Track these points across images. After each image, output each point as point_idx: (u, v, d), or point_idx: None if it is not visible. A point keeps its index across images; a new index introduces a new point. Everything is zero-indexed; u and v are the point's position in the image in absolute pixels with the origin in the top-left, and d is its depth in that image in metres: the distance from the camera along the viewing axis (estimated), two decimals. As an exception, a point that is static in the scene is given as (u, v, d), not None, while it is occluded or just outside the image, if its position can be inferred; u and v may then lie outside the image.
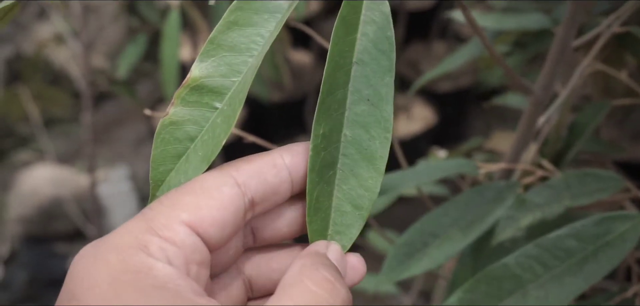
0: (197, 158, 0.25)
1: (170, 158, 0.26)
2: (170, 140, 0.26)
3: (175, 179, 0.26)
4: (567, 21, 0.41)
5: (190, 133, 0.26)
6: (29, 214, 1.44)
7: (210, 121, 0.26)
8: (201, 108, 0.26)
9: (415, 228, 0.48)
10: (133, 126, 1.82)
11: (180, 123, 0.26)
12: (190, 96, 0.26)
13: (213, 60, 0.26)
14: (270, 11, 0.26)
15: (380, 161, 0.27)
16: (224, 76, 0.26)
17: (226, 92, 0.26)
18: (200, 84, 0.26)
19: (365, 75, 0.26)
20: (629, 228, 0.37)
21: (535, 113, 0.47)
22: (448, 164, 0.52)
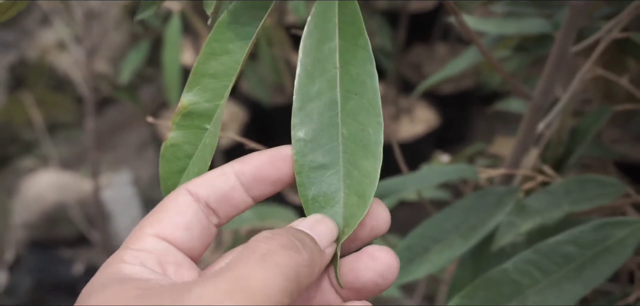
0: (194, 173, 0.30)
1: (174, 173, 0.31)
2: (173, 159, 0.31)
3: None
4: (566, 27, 0.41)
5: (187, 152, 0.30)
6: (33, 220, 1.45)
7: (202, 141, 0.30)
8: (194, 130, 0.30)
9: (416, 233, 0.48)
10: (136, 131, 1.83)
11: (178, 145, 0.30)
12: (183, 121, 0.30)
13: (198, 88, 0.30)
14: (242, 38, 0.30)
15: (376, 146, 0.29)
16: (209, 100, 0.30)
17: (213, 114, 0.30)
18: (190, 111, 0.30)
19: (349, 74, 0.29)
20: (628, 233, 0.37)
21: (535, 119, 0.47)
22: (449, 170, 0.52)
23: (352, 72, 0.29)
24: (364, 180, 0.29)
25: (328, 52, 0.29)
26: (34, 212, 1.45)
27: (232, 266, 0.25)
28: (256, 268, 0.24)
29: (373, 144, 0.29)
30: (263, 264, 0.24)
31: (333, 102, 0.29)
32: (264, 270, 0.24)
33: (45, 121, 1.34)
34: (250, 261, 0.25)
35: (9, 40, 1.84)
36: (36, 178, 1.50)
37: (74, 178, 1.51)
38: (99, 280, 0.27)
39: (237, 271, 0.24)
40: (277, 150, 0.30)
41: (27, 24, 1.84)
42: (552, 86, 0.44)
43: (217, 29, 0.30)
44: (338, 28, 0.30)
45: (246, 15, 0.30)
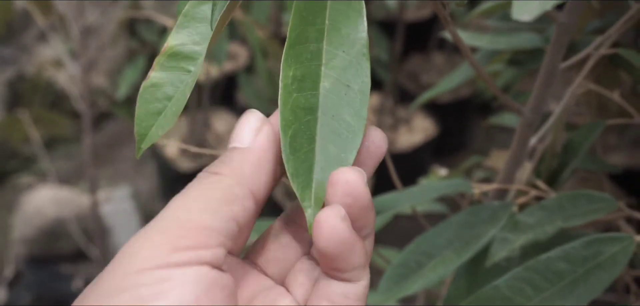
0: (171, 113, 0.30)
1: (151, 115, 0.30)
2: (151, 100, 0.30)
3: (155, 133, 0.30)
4: (554, 44, 0.42)
5: (168, 93, 0.30)
6: (32, 236, 1.45)
7: (185, 82, 0.30)
8: (178, 72, 0.30)
9: (410, 249, 0.48)
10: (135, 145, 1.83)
11: (160, 85, 0.30)
12: (168, 61, 0.30)
13: (187, 30, 0.30)
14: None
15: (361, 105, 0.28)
16: (196, 43, 0.30)
17: (198, 58, 0.30)
18: (176, 51, 0.30)
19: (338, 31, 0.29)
20: (619, 250, 0.37)
21: (527, 134, 0.47)
22: (443, 185, 0.52)
23: (342, 30, 0.29)
24: (345, 134, 0.28)
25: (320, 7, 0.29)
26: (33, 228, 1.45)
27: (164, 209, 0.27)
28: (173, 204, 0.27)
29: (358, 102, 0.28)
30: (178, 198, 0.27)
31: (319, 52, 0.29)
32: (179, 202, 0.27)
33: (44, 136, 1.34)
34: (176, 198, 0.27)
35: (7, 56, 1.85)
36: (35, 194, 1.50)
37: (72, 193, 1.51)
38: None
39: (167, 211, 0.27)
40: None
41: (25, 40, 1.85)
42: (543, 101, 0.45)
43: None
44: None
45: None
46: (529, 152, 0.53)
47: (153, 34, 1.20)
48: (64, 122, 1.35)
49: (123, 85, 1.16)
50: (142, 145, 0.30)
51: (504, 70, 0.64)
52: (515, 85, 0.67)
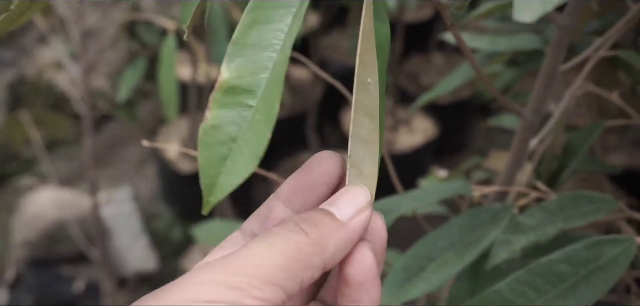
0: (244, 158, 0.26)
1: (217, 161, 0.26)
2: (213, 143, 0.26)
3: (226, 181, 0.26)
4: (554, 46, 0.42)
5: (231, 134, 0.26)
6: (33, 238, 1.45)
7: (248, 119, 0.26)
8: (237, 108, 0.26)
9: (411, 253, 0.48)
10: (135, 147, 1.84)
11: (220, 126, 0.26)
12: (225, 97, 0.27)
13: (240, 60, 0.27)
14: (285, 6, 0.27)
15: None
16: (252, 73, 0.27)
17: (257, 90, 0.27)
18: (232, 85, 0.27)
19: None
20: (621, 251, 0.37)
21: (527, 136, 0.47)
22: (444, 188, 0.52)
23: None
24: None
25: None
26: (34, 230, 1.45)
27: (237, 251, 0.26)
28: (255, 249, 0.25)
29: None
30: (262, 244, 0.26)
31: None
32: (261, 248, 0.25)
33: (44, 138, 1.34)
34: (252, 244, 0.26)
35: (8, 58, 1.85)
36: (36, 196, 1.50)
37: (73, 195, 1.51)
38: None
39: (240, 254, 0.25)
40: (312, 157, 0.30)
41: (25, 42, 1.85)
42: (543, 103, 0.45)
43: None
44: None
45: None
46: (529, 153, 0.53)
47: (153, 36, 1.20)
48: (64, 124, 1.35)
49: (123, 87, 1.16)
50: (210, 198, 0.27)
51: (503, 71, 0.64)
52: (514, 86, 0.67)
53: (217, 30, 1.01)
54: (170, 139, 1.63)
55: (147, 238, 1.54)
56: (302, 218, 0.27)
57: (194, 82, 1.41)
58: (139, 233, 1.53)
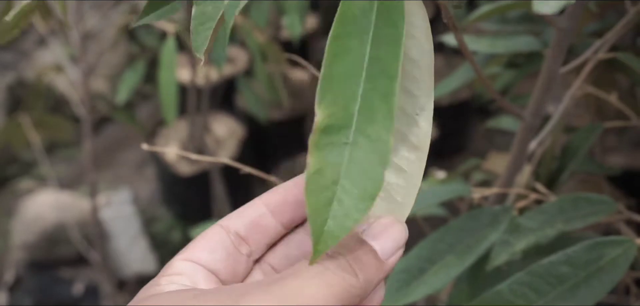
0: (352, 198, 0.25)
1: (322, 207, 0.26)
2: (319, 189, 0.26)
3: (336, 226, 0.25)
4: (553, 49, 0.42)
5: (332, 176, 0.26)
6: (32, 241, 1.45)
7: (347, 157, 0.25)
8: (335, 148, 0.26)
9: (412, 255, 0.48)
10: (135, 149, 1.84)
11: (322, 170, 0.26)
12: (322, 139, 0.26)
13: (331, 95, 0.26)
14: (362, 33, 0.27)
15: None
16: (344, 107, 0.26)
17: (351, 125, 0.26)
18: (328, 124, 0.26)
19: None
20: (620, 253, 0.37)
21: (526, 138, 0.47)
22: (443, 190, 0.52)
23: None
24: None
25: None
26: (34, 233, 1.45)
27: (288, 277, 0.26)
28: (309, 284, 0.25)
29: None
30: (316, 282, 0.25)
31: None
32: (316, 287, 0.25)
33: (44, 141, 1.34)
34: (305, 276, 0.26)
35: (7, 61, 1.85)
36: (35, 199, 1.50)
37: (73, 197, 1.51)
38: (139, 300, 0.28)
39: (292, 284, 0.25)
40: (302, 175, 0.30)
41: (25, 45, 1.85)
42: (543, 105, 0.45)
43: (335, 25, 0.26)
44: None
45: (357, 7, 0.27)
46: (529, 155, 0.54)
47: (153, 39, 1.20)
48: (64, 127, 1.35)
49: (123, 90, 1.16)
50: (319, 247, 0.25)
51: (502, 73, 0.64)
52: (513, 87, 0.68)
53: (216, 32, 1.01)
54: (169, 141, 1.63)
55: (147, 240, 1.54)
56: (355, 258, 0.27)
57: (193, 84, 1.41)
58: (139, 236, 1.53)
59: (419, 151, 0.28)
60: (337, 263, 0.26)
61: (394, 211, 0.29)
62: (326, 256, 0.26)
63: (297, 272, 0.26)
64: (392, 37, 0.26)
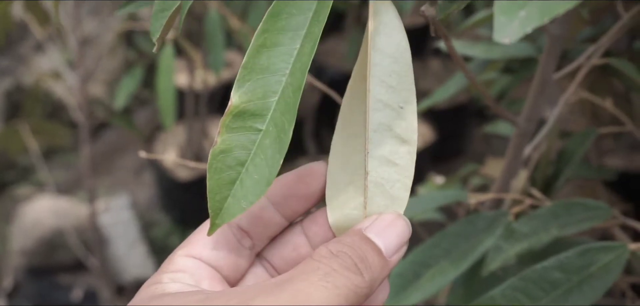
0: (253, 181, 0.27)
1: (225, 185, 0.27)
2: (223, 168, 0.27)
3: (235, 205, 0.27)
4: (546, 55, 0.42)
5: (239, 158, 0.27)
6: (31, 246, 1.45)
7: (257, 144, 0.27)
8: (246, 132, 0.27)
9: (407, 260, 0.48)
10: (133, 154, 1.84)
11: (229, 150, 0.27)
12: (234, 122, 0.27)
13: (249, 84, 0.27)
14: (294, 29, 0.28)
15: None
16: (261, 97, 0.27)
17: (266, 114, 0.27)
18: (242, 110, 0.27)
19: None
20: (613, 258, 0.37)
21: (521, 143, 0.47)
22: (440, 195, 0.53)
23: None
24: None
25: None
26: (32, 238, 1.45)
27: (295, 279, 0.26)
28: (317, 287, 0.25)
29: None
30: (324, 284, 0.26)
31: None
32: (324, 290, 0.25)
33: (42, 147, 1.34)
34: (313, 279, 0.26)
35: (4, 66, 1.85)
36: (33, 204, 1.50)
37: (71, 203, 1.51)
38: (142, 299, 0.27)
39: (299, 286, 0.25)
40: (306, 167, 0.31)
41: (22, 50, 1.85)
42: (536, 111, 0.45)
43: (266, 19, 0.28)
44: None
45: (294, 6, 0.28)
46: (525, 160, 0.54)
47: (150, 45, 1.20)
48: (62, 132, 1.36)
49: (121, 95, 1.16)
50: (217, 220, 0.27)
51: (498, 78, 0.65)
52: (509, 92, 0.68)
53: (213, 37, 1.02)
54: (167, 145, 1.63)
55: (145, 245, 1.54)
56: (360, 257, 0.27)
57: (190, 88, 1.41)
58: (137, 241, 1.53)
59: (408, 144, 0.29)
60: (343, 263, 0.26)
61: (391, 206, 0.29)
62: (331, 256, 0.27)
63: (304, 274, 0.26)
64: (314, 35, 0.27)
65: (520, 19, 0.16)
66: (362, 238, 0.28)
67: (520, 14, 0.16)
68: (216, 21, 1.00)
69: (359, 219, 0.29)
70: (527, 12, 0.16)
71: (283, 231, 0.32)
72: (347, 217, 0.29)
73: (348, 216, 0.29)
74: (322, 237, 0.30)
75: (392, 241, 0.28)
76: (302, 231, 0.31)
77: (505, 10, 0.17)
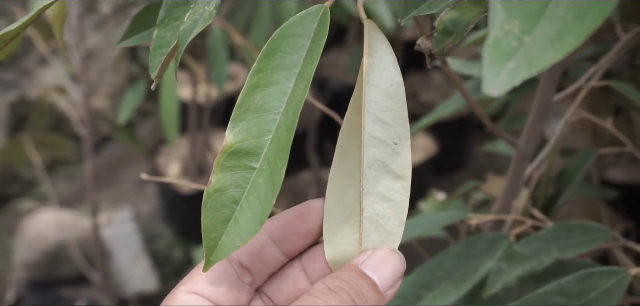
0: (246, 219, 0.27)
1: (219, 223, 0.27)
2: (217, 206, 0.27)
3: (229, 242, 0.27)
4: (545, 78, 0.42)
5: (234, 197, 0.27)
6: (34, 260, 1.45)
7: (251, 182, 0.27)
8: (240, 171, 0.27)
9: (408, 281, 0.48)
10: (136, 167, 1.84)
11: (224, 189, 0.27)
12: (229, 161, 0.27)
13: (243, 123, 0.28)
14: (288, 68, 0.28)
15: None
16: (256, 136, 0.28)
17: (260, 152, 0.27)
18: (236, 149, 0.27)
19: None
20: (614, 284, 0.37)
21: (521, 165, 0.48)
22: (441, 216, 0.53)
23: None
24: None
25: None
26: (35, 252, 1.45)
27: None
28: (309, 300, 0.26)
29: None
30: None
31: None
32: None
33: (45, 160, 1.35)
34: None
35: (9, 79, 1.86)
36: (37, 218, 1.51)
37: (74, 216, 1.52)
38: None
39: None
40: (305, 204, 0.31)
41: (26, 63, 1.86)
42: (536, 133, 0.45)
43: (261, 59, 0.28)
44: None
45: (288, 44, 0.28)
46: (526, 179, 0.54)
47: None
48: (65, 145, 1.36)
49: (124, 110, 1.17)
50: (212, 258, 0.27)
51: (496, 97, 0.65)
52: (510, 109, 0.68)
53: (216, 52, 1.02)
54: (170, 158, 1.63)
55: (148, 258, 1.55)
56: (356, 292, 0.27)
57: (194, 101, 1.42)
58: (140, 254, 1.53)
59: (403, 180, 0.30)
60: (340, 298, 0.27)
61: (386, 241, 0.30)
62: (329, 291, 0.27)
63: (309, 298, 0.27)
64: (307, 74, 0.28)
65: (509, 70, 0.17)
66: (358, 273, 0.28)
67: (509, 65, 0.17)
68: (219, 37, 1.01)
69: (355, 255, 0.29)
70: (516, 64, 0.16)
71: (282, 267, 0.32)
72: (343, 252, 0.30)
73: (344, 251, 0.30)
74: (320, 272, 0.30)
75: (387, 275, 0.28)
76: (301, 267, 0.32)
77: (494, 60, 0.17)
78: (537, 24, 0.16)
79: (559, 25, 0.16)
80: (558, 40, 0.16)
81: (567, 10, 0.16)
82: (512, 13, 0.17)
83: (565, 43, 0.16)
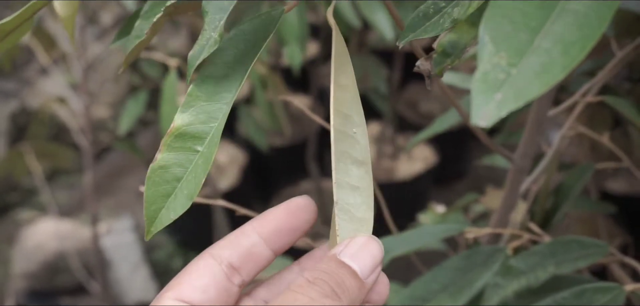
0: (183, 196, 0.29)
1: (160, 197, 0.30)
2: (160, 182, 0.30)
3: (166, 215, 0.29)
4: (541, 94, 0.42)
5: (177, 175, 0.30)
6: (33, 270, 1.45)
7: (193, 163, 0.29)
8: (185, 152, 0.30)
9: (405, 294, 0.49)
10: (136, 176, 1.84)
11: (168, 167, 0.30)
12: (175, 142, 0.30)
13: (193, 109, 0.30)
14: (240, 63, 0.30)
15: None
16: (203, 122, 0.30)
17: (206, 137, 0.30)
18: (183, 132, 0.30)
19: None
20: (610, 299, 0.38)
21: (518, 179, 0.48)
22: (439, 229, 0.53)
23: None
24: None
25: None
26: (34, 261, 1.45)
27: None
28: (292, 295, 0.26)
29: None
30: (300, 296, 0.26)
31: None
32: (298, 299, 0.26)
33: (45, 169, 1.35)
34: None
35: (10, 89, 1.87)
36: (36, 227, 1.51)
37: (74, 226, 1.52)
38: None
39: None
40: (293, 201, 0.31)
41: (27, 73, 1.87)
42: (533, 147, 0.45)
43: (213, 53, 0.30)
44: None
45: (242, 40, 0.31)
46: (524, 193, 0.54)
47: (154, 70, 1.21)
48: (66, 155, 1.36)
49: (125, 120, 1.17)
50: (152, 228, 0.30)
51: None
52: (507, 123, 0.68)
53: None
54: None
55: (148, 268, 1.54)
56: (337, 282, 0.28)
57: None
58: (140, 263, 1.53)
59: (365, 165, 0.31)
60: (321, 291, 0.27)
61: (360, 230, 0.30)
62: (308, 284, 0.27)
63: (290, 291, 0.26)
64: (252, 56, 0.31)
65: (496, 102, 0.17)
66: (337, 263, 0.28)
67: (496, 96, 0.17)
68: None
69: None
70: (503, 95, 0.17)
71: (280, 271, 0.32)
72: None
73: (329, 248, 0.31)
74: None
75: (366, 262, 0.29)
76: (299, 269, 0.32)
77: (482, 92, 0.17)
78: (524, 57, 0.17)
79: (545, 58, 0.16)
80: (544, 73, 0.16)
81: (553, 44, 0.16)
82: (500, 46, 0.17)
83: (552, 76, 0.16)
